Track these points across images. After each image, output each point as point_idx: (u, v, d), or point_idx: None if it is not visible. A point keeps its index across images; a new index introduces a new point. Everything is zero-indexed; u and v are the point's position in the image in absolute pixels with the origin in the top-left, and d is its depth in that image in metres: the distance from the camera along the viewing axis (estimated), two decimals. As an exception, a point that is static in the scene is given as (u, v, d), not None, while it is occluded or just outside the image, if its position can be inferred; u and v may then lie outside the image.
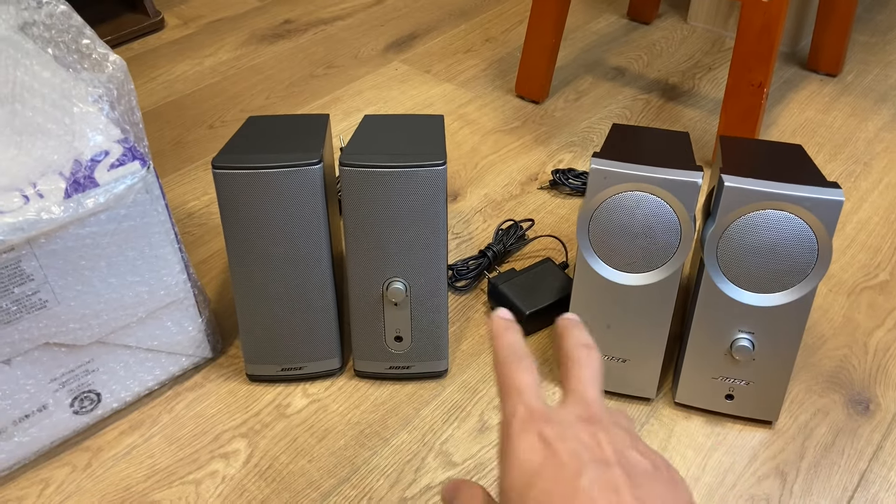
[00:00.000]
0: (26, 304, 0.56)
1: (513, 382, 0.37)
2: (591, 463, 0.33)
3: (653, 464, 0.35)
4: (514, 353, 0.39)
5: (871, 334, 0.76)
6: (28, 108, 0.54)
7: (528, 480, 0.33)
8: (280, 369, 0.70)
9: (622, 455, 0.34)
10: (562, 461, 0.33)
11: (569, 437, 0.34)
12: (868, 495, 0.62)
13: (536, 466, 0.33)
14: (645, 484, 0.33)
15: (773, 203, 0.58)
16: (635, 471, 0.34)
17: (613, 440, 0.35)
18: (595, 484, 0.32)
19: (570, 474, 0.33)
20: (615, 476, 0.33)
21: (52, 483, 0.63)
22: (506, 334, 0.40)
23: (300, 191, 0.62)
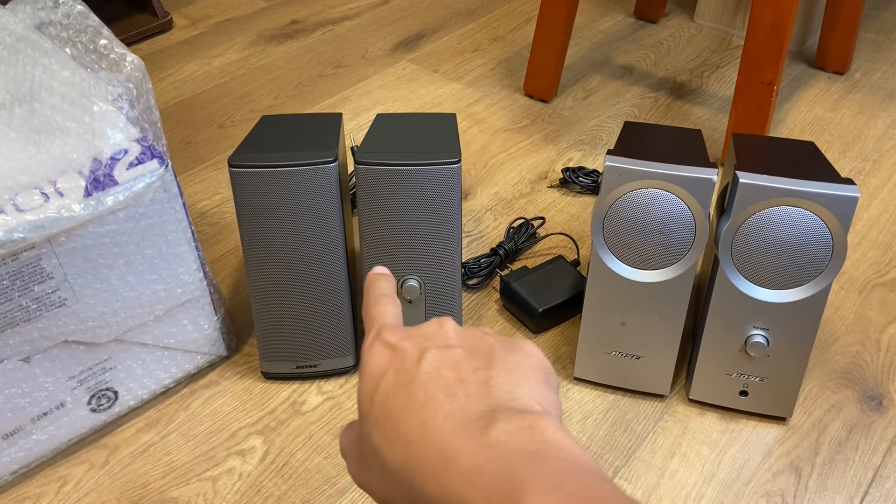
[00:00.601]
0: (46, 302, 0.57)
1: (372, 313, 0.37)
2: (432, 348, 0.32)
3: (498, 339, 0.34)
4: (380, 292, 0.38)
5: (883, 331, 0.76)
6: (47, 107, 0.54)
7: (377, 381, 0.32)
8: (295, 367, 0.70)
9: (465, 338, 0.34)
10: (405, 354, 0.33)
11: (413, 336, 0.34)
12: (883, 490, 0.62)
13: (384, 367, 0.33)
14: (484, 356, 0.32)
15: (788, 199, 0.58)
16: (477, 347, 0.33)
17: (459, 329, 0.34)
18: (434, 364, 0.31)
19: (411, 363, 0.32)
20: (454, 354, 0.32)
21: (70, 480, 0.64)
22: (375, 282, 0.39)
23: (315, 189, 0.63)
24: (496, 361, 0.32)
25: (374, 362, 0.33)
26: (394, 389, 0.31)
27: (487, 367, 0.31)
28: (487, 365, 0.32)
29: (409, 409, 0.30)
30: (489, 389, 0.30)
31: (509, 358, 0.32)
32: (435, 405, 0.30)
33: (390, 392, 0.31)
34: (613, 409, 0.69)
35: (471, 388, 0.30)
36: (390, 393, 0.31)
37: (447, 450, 0.28)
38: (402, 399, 0.31)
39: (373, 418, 0.31)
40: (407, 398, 0.31)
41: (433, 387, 0.30)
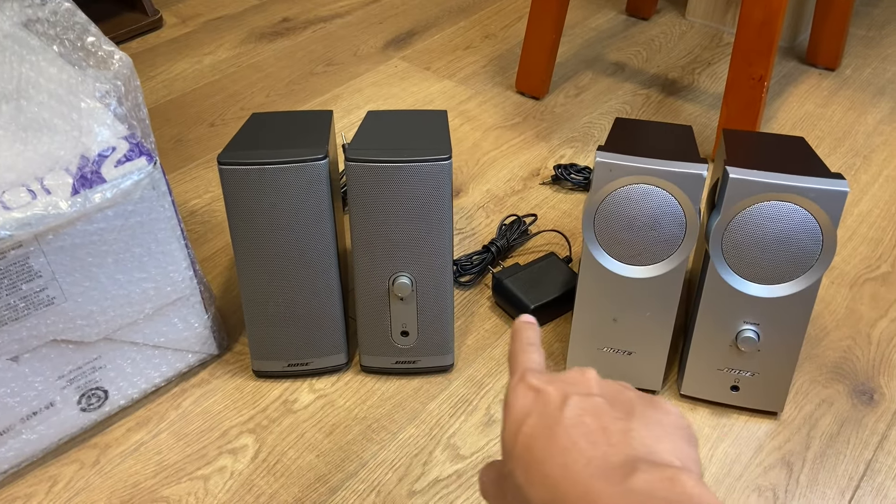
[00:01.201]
0: (34, 300, 0.56)
1: (518, 359, 0.39)
2: (575, 395, 0.34)
3: (638, 395, 0.36)
4: (527, 340, 0.41)
5: (873, 325, 0.76)
6: (34, 104, 0.54)
7: (520, 422, 0.34)
8: (286, 365, 0.70)
9: (606, 388, 0.36)
10: (549, 398, 0.35)
11: (557, 381, 0.36)
12: (874, 484, 0.63)
13: (528, 409, 0.35)
14: (625, 408, 0.34)
15: (778, 194, 0.58)
16: (617, 399, 0.35)
17: (600, 380, 0.36)
18: (576, 410, 0.33)
19: (554, 407, 0.34)
20: (596, 402, 0.34)
21: (61, 480, 0.63)
22: (522, 331, 0.42)
23: (306, 186, 0.62)
24: (636, 415, 0.34)
25: (518, 403, 0.35)
26: (537, 431, 0.33)
27: (628, 418, 0.33)
28: (628, 417, 0.33)
29: (552, 451, 0.32)
30: (630, 441, 0.32)
31: (649, 413, 0.34)
32: (578, 450, 0.32)
33: (534, 433, 0.33)
34: (605, 405, 0.69)
35: (612, 437, 0.32)
36: (534, 434, 0.33)
37: (591, 492, 0.30)
38: (545, 441, 0.33)
39: (516, 456, 0.34)
40: (550, 440, 0.33)
41: (576, 432, 0.32)
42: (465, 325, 0.77)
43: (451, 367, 0.72)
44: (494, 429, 0.67)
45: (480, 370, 0.72)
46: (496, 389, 0.70)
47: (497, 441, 0.66)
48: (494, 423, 0.68)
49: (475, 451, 0.65)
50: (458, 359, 0.73)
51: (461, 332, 0.76)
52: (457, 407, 0.69)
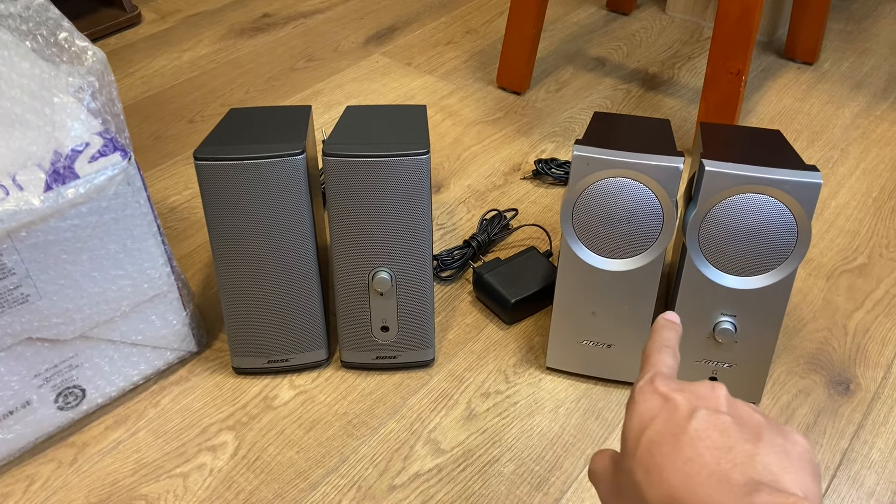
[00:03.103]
0: (8, 298, 0.56)
1: (650, 359, 0.40)
2: (704, 409, 0.35)
3: (767, 420, 0.36)
4: (664, 341, 0.42)
5: (850, 316, 0.77)
6: (6, 99, 0.53)
7: (644, 424, 0.36)
8: (266, 361, 0.70)
9: (735, 408, 0.36)
10: (676, 406, 0.35)
11: (686, 391, 0.37)
12: (850, 473, 0.63)
13: (653, 413, 0.36)
14: (752, 431, 0.34)
15: (753, 187, 0.59)
16: (746, 421, 0.35)
17: (730, 397, 0.37)
18: (703, 424, 0.34)
19: (681, 417, 0.35)
20: (724, 420, 0.34)
21: (38, 479, 0.63)
22: (663, 330, 0.43)
23: (284, 182, 0.62)
24: (764, 440, 0.34)
25: (644, 405, 0.37)
26: (662, 436, 0.34)
27: (755, 442, 0.34)
28: (755, 440, 0.34)
29: (674, 458, 0.33)
30: (754, 464, 0.32)
31: (777, 441, 0.34)
32: (701, 462, 0.33)
33: (658, 438, 0.34)
34: (585, 398, 0.69)
35: (737, 456, 0.33)
36: (657, 439, 0.34)
37: (709, 502, 0.31)
38: (668, 447, 0.34)
39: (637, 457, 0.35)
40: (674, 448, 0.34)
41: (701, 445, 0.33)
42: (446, 319, 0.77)
43: (432, 362, 0.72)
44: (475, 423, 0.67)
45: (461, 365, 0.72)
46: (476, 384, 0.71)
47: (477, 435, 0.66)
48: (474, 417, 0.68)
49: (455, 445, 0.65)
50: (439, 354, 0.73)
51: (442, 327, 0.76)
52: (437, 402, 0.69)
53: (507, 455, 0.65)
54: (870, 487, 0.62)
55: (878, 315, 0.77)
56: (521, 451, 0.65)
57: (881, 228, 0.88)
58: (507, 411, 0.68)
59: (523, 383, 0.71)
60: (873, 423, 0.67)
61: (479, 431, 0.66)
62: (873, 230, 0.88)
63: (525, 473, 0.63)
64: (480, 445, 0.65)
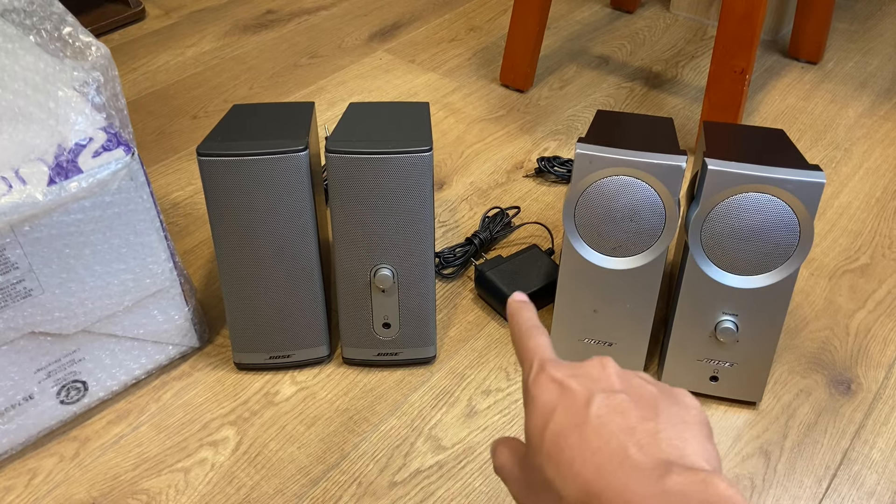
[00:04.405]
0: (11, 292, 0.56)
1: (527, 346, 0.40)
2: (599, 392, 0.35)
3: (659, 388, 0.36)
4: (528, 324, 0.41)
5: (852, 316, 0.77)
6: (9, 92, 0.53)
7: (546, 417, 0.35)
8: (268, 357, 0.70)
9: (628, 383, 0.36)
10: (574, 394, 0.35)
11: (579, 375, 0.37)
12: (850, 473, 0.63)
13: (553, 404, 0.36)
14: (649, 405, 0.35)
15: (756, 186, 0.59)
16: (641, 394, 0.36)
17: (620, 372, 0.37)
18: (603, 408, 0.34)
19: (580, 404, 0.35)
20: (621, 400, 0.35)
21: (40, 473, 0.63)
22: (520, 311, 0.42)
23: (286, 178, 0.62)
24: (661, 413, 0.34)
25: (542, 397, 0.36)
26: (565, 429, 0.34)
27: (654, 418, 0.34)
28: (654, 416, 0.34)
29: (582, 450, 0.33)
30: (658, 443, 0.33)
31: (673, 410, 0.35)
32: (609, 450, 0.33)
33: (562, 431, 0.34)
34: (586, 396, 0.69)
35: (641, 438, 0.33)
36: (562, 431, 0.34)
37: (625, 492, 0.31)
38: (574, 439, 0.34)
39: (544, 453, 0.35)
40: (580, 439, 0.34)
41: (605, 432, 0.33)
42: (448, 316, 0.77)
43: (433, 359, 0.72)
44: (476, 420, 0.67)
45: (462, 362, 0.72)
46: (478, 381, 0.71)
47: (478, 432, 0.66)
48: (475, 414, 0.68)
49: (456, 442, 0.65)
50: (440, 351, 0.74)
51: (443, 324, 0.76)
52: (438, 398, 0.69)
53: (508, 452, 0.65)
54: (870, 487, 0.62)
55: (880, 315, 0.77)
56: (521, 448, 0.65)
57: (884, 228, 0.88)
58: (508, 409, 0.68)
59: (524, 381, 0.71)
60: (874, 422, 0.67)
61: (480, 429, 0.67)
62: (876, 230, 0.87)
63: (525, 471, 0.63)
64: (481, 443, 0.65)
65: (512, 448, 0.40)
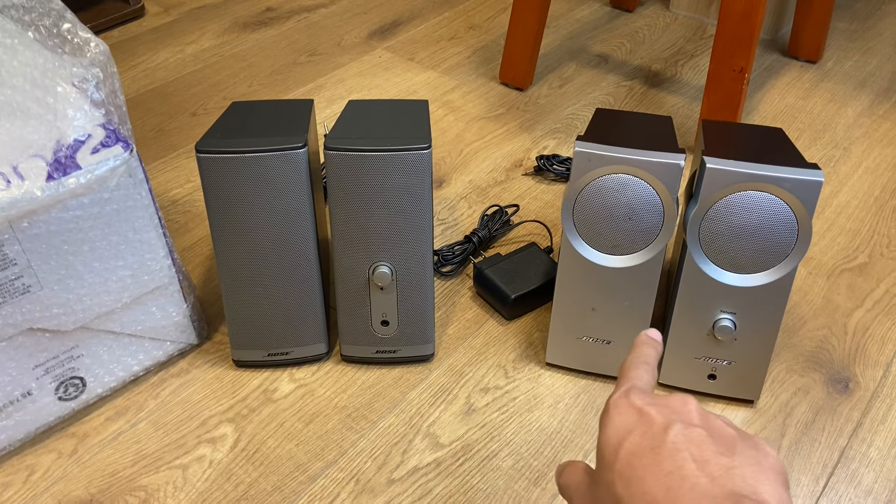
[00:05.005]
0: (9, 289, 0.56)
1: (629, 373, 0.41)
2: (679, 423, 0.36)
3: (738, 432, 0.37)
4: (643, 357, 0.43)
5: (850, 315, 0.77)
6: (7, 87, 0.53)
7: (621, 437, 0.36)
8: (266, 354, 0.70)
9: (708, 421, 0.37)
10: (652, 420, 0.36)
11: (660, 405, 0.37)
12: (848, 471, 0.63)
13: (630, 426, 0.36)
14: (727, 444, 0.35)
15: (755, 184, 0.59)
16: (719, 433, 0.36)
17: (701, 410, 0.38)
18: (680, 437, 0.35)
19: (658, 430, 0.36)
20: (699, 434, 0.35)
21: (38, 469, 0.63)
22: (646, 346, 0.44)
23: (285, 175, 0.62)
24: (738, 452, 0.35)
25: (619, 418, 0.37)
26: (640, 449, 0.35)
27: (730, 455, 0.34)
28: (730, 453, 0.35)
29: (655, 471, 0.34)
30: (732, 477, 0.33)
31: (750, 453, 0.35)
32: (682, 475, 0.33)
33: (636, 450, 0.35)
34: (584, 394, 0.69)
35: (714, 469, 0.33)
36: (636, 451, 0.35)
37: None
38: (648, 460, 0.35)
39: (617, 470, 0.35)
40: (654, 461, 0.34)
41: (680, 458, 0.34)
42: (446, 314, 0.77)
43: (432, 357, 0.72)
44: (474, 418, 0.67)
45: (461, 360, 0.72)
46: (476, 379, 0.71)
47: (476, 430, 0.66)
48: (473, 412, 0.68)
49: (454, 439, 0.66)
50: (439, 348, 0.74)
51: (442, 322, 0.76)
52: (437, 396, 0.69)
53: (506, 450, 0.65)
54: (867, 485, 0.62)
55: (878, 314, 0.77)
56: (519, 446, 0.65)
57: (882, 228, 0.88)
58: (507, 406, 0.68)
59: (523, 379, 0.71)
60: (872, 421, 0.67)
61: (478, 426, 0.67)
62: (874, 229, 0.87)
63: (523, 468, 0.63)
64: (479, 440, 0.65)
65: (583, 468, 0.41)
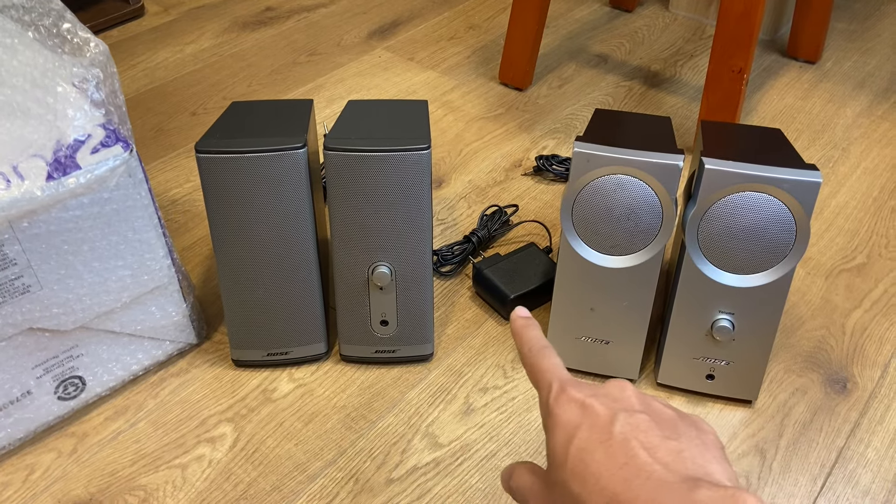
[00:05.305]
0: (9, 288, 0.56)
1: (540, 367, 0.41)
2: (622, 412, 0.36)
3: (676, 413, 0.38)
4: (537, 344, 0.42)
5: (848, 315, 0.77)
6: (7, 87, 0.53)
7: (569, 436, 0.36)
8: (266, 354, 0.70)
9: (648, 405, 0.38)
10: (596, 413, 0.37)
11: (600, 395, 0.38)
12: (845, 472, 0.64)
13: (576, 422, 0.37)
14: (670, 426, 0.36)
15: (753, 185, 0.59)
16: (660, 416, 0.37)
17: (639, 394, 0.38)
18: (626, 426, 0.35)
19: (603, 422, 0.36)
20: (643, 419, 0.36)
21: (38, 468, 0.63)
22: (525, 331, 0.44)
23: (284, 175, 0.62)
24: (682, 434, 0.36)
25: (564, 416, 0.37)
26: (591, 444, 0.35)
27: (676, 437, 0.35)
28: (676, 435, 0.35)
29: (609, 464, 0.34)
30: (683, 460, 0.34)
31: (692, 433, 0.36)
32: (636, 465, 0.34)
33: (587, 446, 0.35)
34: (583, 394, 0.69)
35: (664, 455, 0.34)
36: (587, 447, 0.35)
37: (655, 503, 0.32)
38: (600, 454, 0.35)
39: (569, 468, 0.35)
40: (606, 454, 0.34)
41: (630, 448, 0.34)
42: (446, 314, 0.77)
43: (431, 357, 0.73)
44: (473, 417, 0.67)
45: (460, 359, 0.73)
46: (475, 378, 0.71)
47: (475, 430, 0.66)
48: (472, 411, 0.68)
49: (453, 439, 0.66)
50: (438, 348, 0.74)
51: (441, 322, 0.76)
52: (436, 396, 0.69)
53: (505, 450, 0.65)
54: (865, 486, 0.62)
55: (876, 315, 0.77)
56: (518, 445, 0.65)
57: (881, 228, 0.88)
58: (505, 406, 0.68)
59: (521, 378, 0.71)
60: (870, 421, 0.67)
61: (477, 426, 0.67)
62: (873, 230, 0.88)
63: (522, 468, 0.64)
64: (478, 440, 0.66)
65: (531, 469, 0.41)
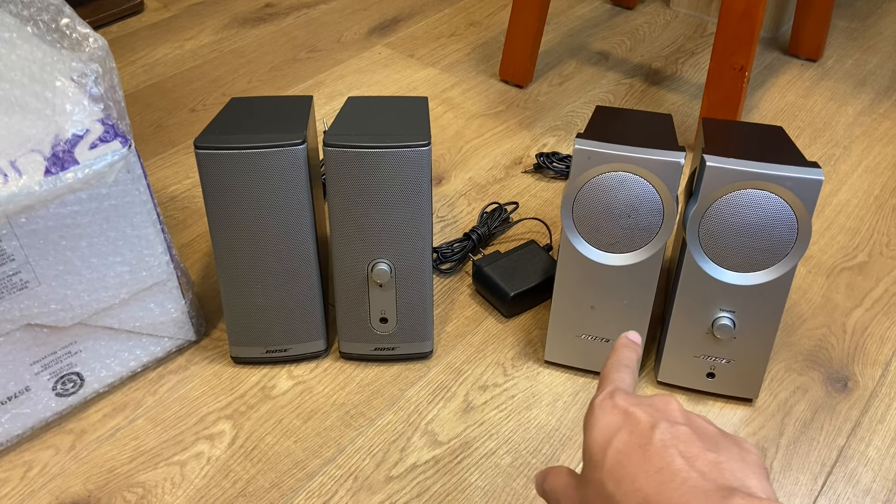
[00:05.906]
0: (7, 284, 0.56)
1: (612, 375, 0.42)
2: (664, 421, 0.37)
3: (719, 431, 0.38)
4: (624, 360, 0.43)
5: (849, 314, 0.77)
6: (6, 82, 0.53)
7: (609, 437, 0.37)
8: (265, 351, 0.70)
9: (691, 420, 0.38)
10: (638, 419, 0.37)
11: (644, 405, 0.38)
12: (846, 470, 0.63)
13: (616, 426, 0.37)
14: (711, 440, 0.36)
15: (754, 182, 0.58)
16: (703, 431, 0.37)
17: (683, 409, 0.39)
18: (666, 434, 0.36)
19: (644, 428, 0.36)
20: (684, 431, 0.36)
21: (36, 465, 0.63)
22: (624, 349, 0.44)
23: (284, 171, 0.62)
24: (723, 448, 0.36)
25: (605, 418, 0.38)
26: (629, 447, 0.36)
27: (716, 450, 0.35)
28: (716, 449, 0.36)
29: (645, 468, 0.35)
30: (721, 471, 0.34)
31: (734, 450, 0.36)
32: (672, 471, 0.34)
33: (625, 449, 0.36)
34: (583, 392, 0.69)
35: (702, 464, 0.34)
36: (625, 450, 0.36)
37: None
38: (637, 458, 0.35)
39: (606, 468, 0.36)
40: (643, 458, 0.35)
41: (668, 454, 0.35)
42: (445, 312, 0.77)
43: (430, 354, 0.72)
44: (472, 415, 0.67)
45: (459, 357, 0.72)
46: (475, 376, 0.71)
47: (474, 427, 0.66)
48: (472, 409, 0.68)
49: (453, 437, 0.65)
50: (438, 346, 0.73)
51: (441, 320, 0.76)
52: (435, 393, 0.69)
53: (504, 448, 0.65)
54: (866, 485, 0.62)
55: (878, 313, 0.77)
56: (518, 443, 0.65)
57: (882, 226, 0.88)
58: (505, 404, 0.68)
59: (521, 376, 0.71)
60: (870, 420, 0.67)
61: (477, 424, 0.67)
62: (874, 228, 0.87)
63: (522, 466, 0.63)
64: (477, 438, 0.65)
65: (567, 471, 0.42)
